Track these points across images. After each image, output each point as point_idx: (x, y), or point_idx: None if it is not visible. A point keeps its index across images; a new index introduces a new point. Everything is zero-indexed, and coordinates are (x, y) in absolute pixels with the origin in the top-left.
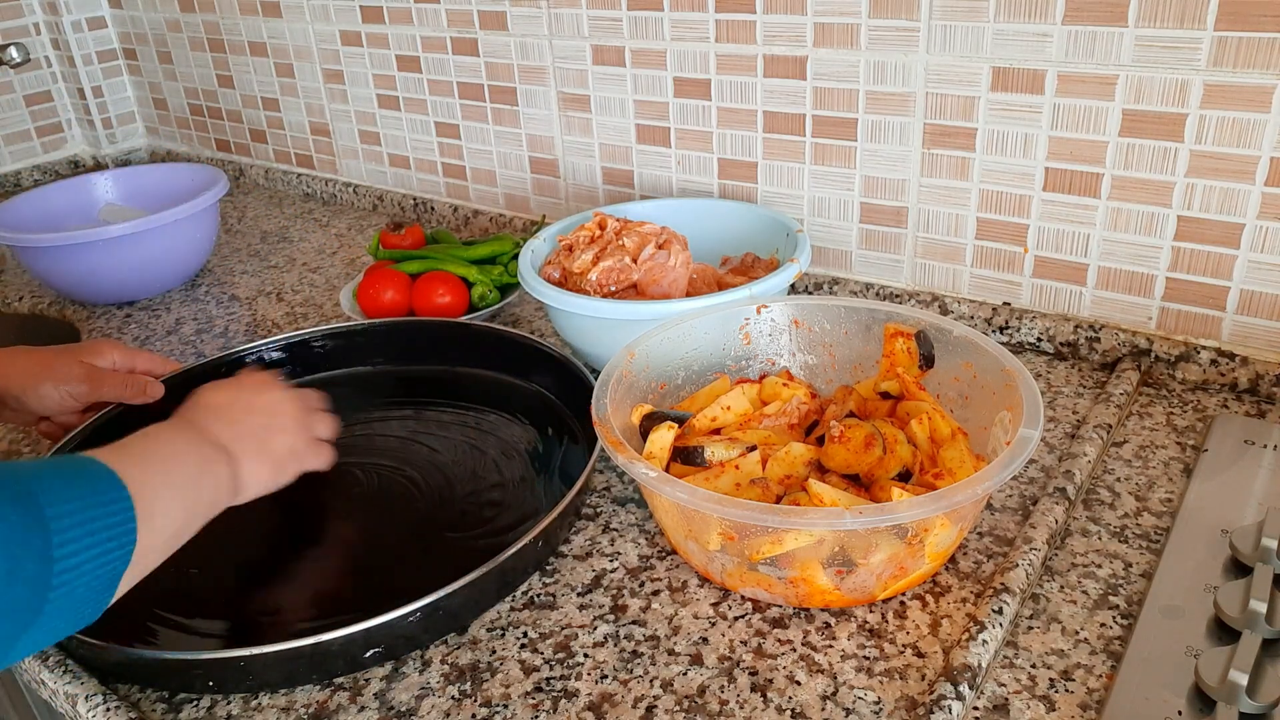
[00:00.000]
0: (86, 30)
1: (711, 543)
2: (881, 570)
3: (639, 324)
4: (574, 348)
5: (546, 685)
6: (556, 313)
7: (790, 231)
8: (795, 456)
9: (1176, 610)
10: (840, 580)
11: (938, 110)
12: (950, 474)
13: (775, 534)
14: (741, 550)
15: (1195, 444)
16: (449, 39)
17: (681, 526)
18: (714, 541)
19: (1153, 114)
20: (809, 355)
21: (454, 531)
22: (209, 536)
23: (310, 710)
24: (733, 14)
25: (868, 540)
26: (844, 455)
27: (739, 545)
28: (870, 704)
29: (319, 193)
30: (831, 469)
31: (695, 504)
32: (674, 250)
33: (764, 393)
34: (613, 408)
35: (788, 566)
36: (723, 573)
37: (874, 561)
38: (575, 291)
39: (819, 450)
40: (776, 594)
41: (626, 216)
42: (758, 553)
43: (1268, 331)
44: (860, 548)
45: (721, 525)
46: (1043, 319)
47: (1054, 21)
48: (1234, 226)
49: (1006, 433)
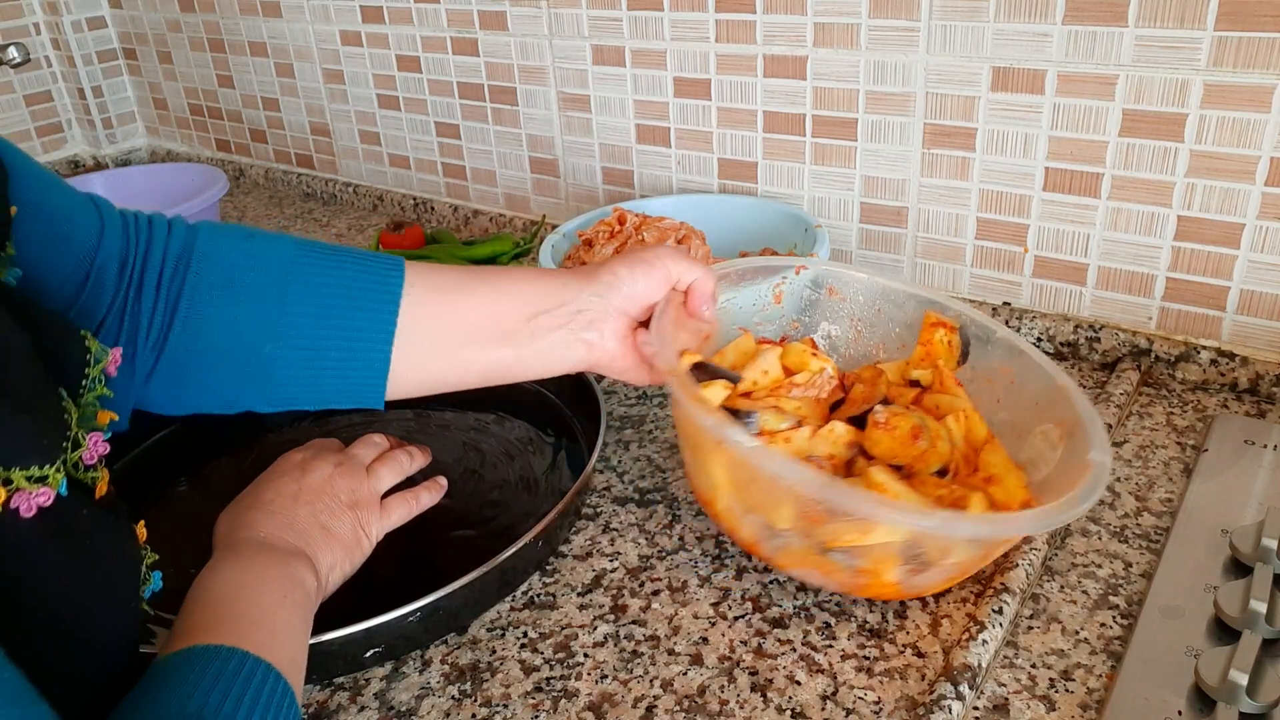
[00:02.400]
0: (86, 30)
1: (781, 520)
2: (950, 572)
3: None
4: None
5: (546, 685)
6: None
7: (809, 227)
8: (838, 437)
9: (1176, 610)
10: (908, 577)
11: (938, 110)
12: (997, 480)
13: (864, 523)
14: (817, 534)
15: (1195, 444)
16: (449, 39)
17: (746, 497)
18: (785, 519)
19: (1153, 114)
20: (833, 325)
21: (454, 531)
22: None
23: (310, 710)
24: (733, 14)
25: (949, 542)
26: (889, 443)
27: (819, 529)
28: (870, 704)
29: (319, 193)
30: (876, 456)
31: (818, 489)
32: (693, 245)
33: (786, 358)
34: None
35: (862, 557)
36: (777, 551)
37: (947, 564)
38: None
39: (860, 434)
40: (833, 580)
41: (645, 212)
42: (838, 539)
43: (1268, 331)
44: (940, 549)
45: (806, 505)
46: (1043, 319)
47: (1054, 21)
48: (1234, 226)
49: (1054, 449)
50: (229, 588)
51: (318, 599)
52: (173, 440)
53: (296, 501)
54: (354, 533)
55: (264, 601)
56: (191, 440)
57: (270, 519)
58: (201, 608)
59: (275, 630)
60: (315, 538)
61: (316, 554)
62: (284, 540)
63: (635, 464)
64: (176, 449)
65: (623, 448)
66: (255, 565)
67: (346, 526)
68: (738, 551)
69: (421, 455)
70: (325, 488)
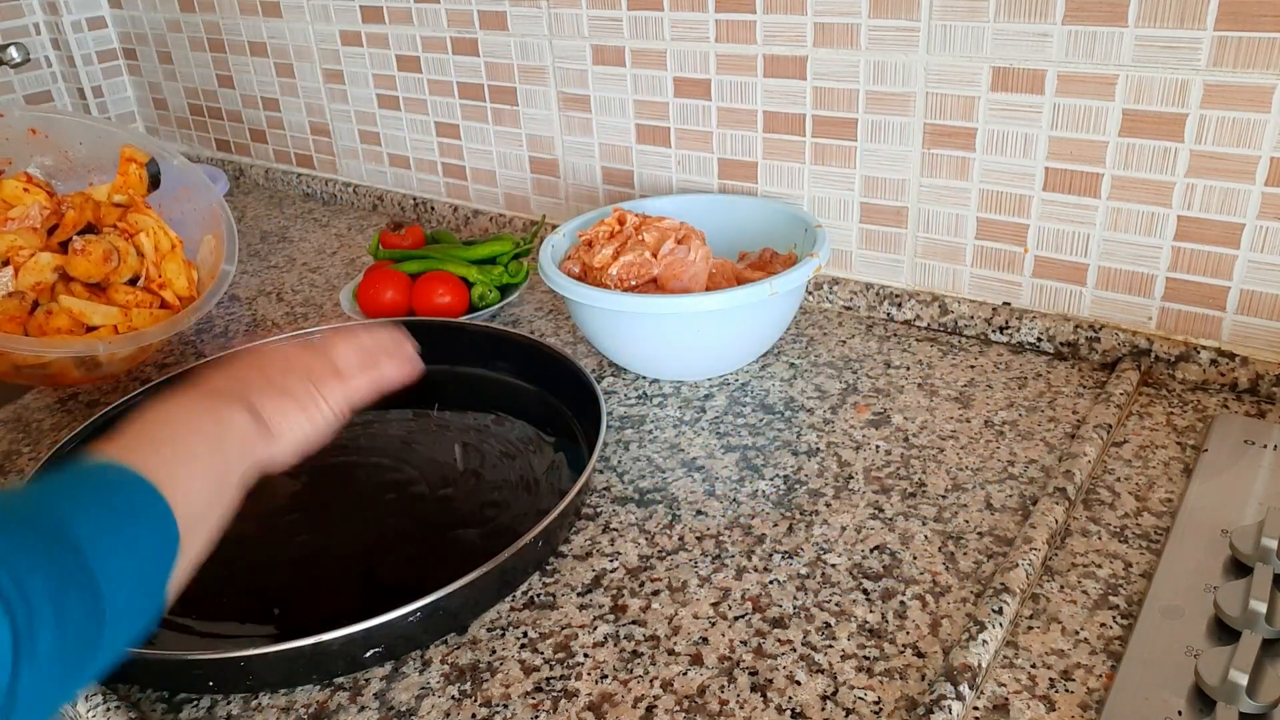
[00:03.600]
0: (86, 30)
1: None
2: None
3: (660, 318)
4: (594, 343)
5: (546, 685)
6: (577, 307)
7: (809, 226)
8: (44, 265)
9: (1176, 610)
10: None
11: (938, 110)
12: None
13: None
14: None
15: (1195, 444)
16: (449, 39)
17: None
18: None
19: (1153, 114)
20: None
21: (454, 531)
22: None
23: (310, 710)
24: (733, 14)
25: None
26: (86, 266)
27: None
28: (870, 704)
29: (319, 193)
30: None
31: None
32: (693, 245)
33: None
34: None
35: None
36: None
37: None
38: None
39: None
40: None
41: (645, 212)
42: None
43: (1268, 331)
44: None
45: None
46: (1043, 319)
47: (1054, 21)
48: (1234, 226)
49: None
50: (145, 420)
51: (260, 443)
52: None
53: (248, 366)
54: (307, 391)
55: (178, 435)
56: None
57: (216, 374)
58: (118, 436)
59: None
60: (260, 389)
61: (260, 401)
62: (225, 389)
63: (635, 464)
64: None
65: (623, 448)
66: (182, 401)
67: (298, 384)
68: (738, 551)
69: (401, 366)
70: (278, 352)
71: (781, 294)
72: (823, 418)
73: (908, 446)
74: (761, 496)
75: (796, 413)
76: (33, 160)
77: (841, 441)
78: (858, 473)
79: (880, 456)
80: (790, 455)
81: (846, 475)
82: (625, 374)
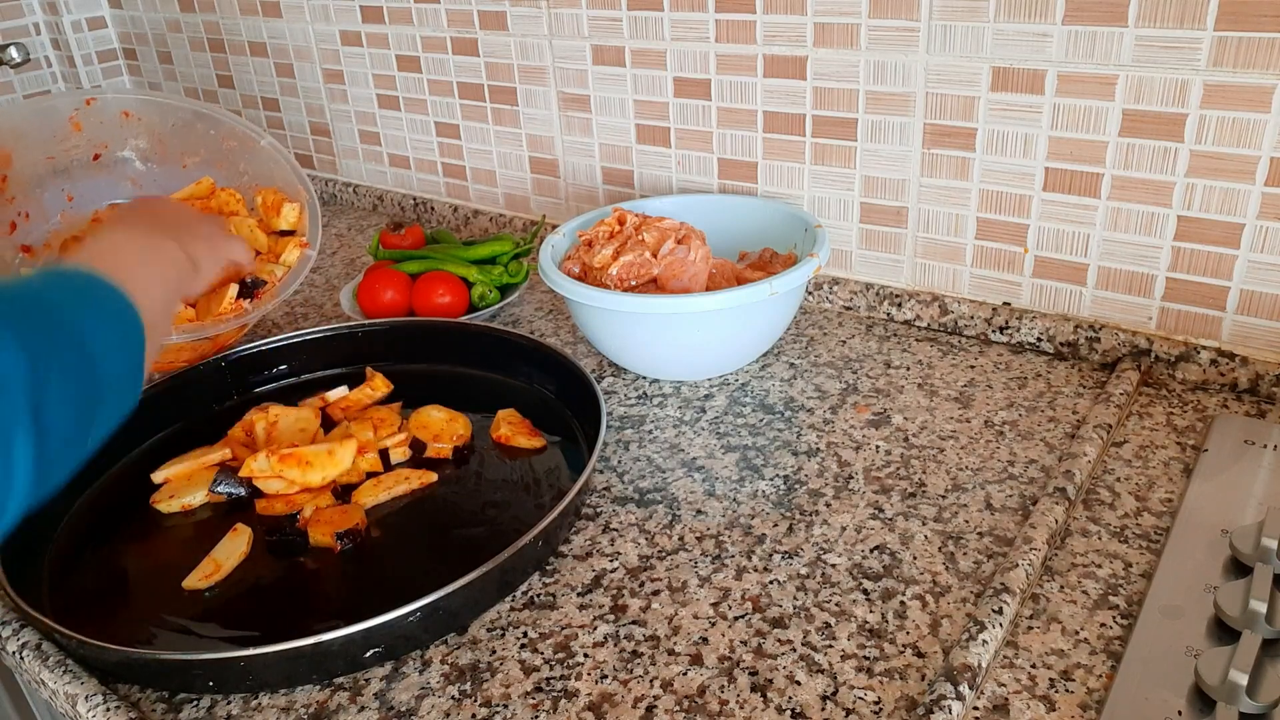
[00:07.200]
0: (86, 30)
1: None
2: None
3: (660, 318)
4: (594, 343)
5: (546, 685)
6: (577, 307)
7: (809, 226)
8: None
9: (1176, 610)
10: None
11: (938, 110)
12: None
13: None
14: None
15: (1195, 444)
16: (449, 39)
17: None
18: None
19: (1153, 114)
20: (140, 140)
21: (454, 531)
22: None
23: (310, 710)
24: (733, 14)
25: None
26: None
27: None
28: (870, 704)
29: (319, 193)
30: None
31: None
32: (693, 245)
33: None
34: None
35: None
36: None
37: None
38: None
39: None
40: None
41: (645, 212)
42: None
43: (1268, 331)
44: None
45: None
46: (1043, 319)
47: (1054, 21)
48: (1234, 226)
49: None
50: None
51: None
52: (172, 439)
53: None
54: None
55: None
56: (191, 438)
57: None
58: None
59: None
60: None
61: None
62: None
63: (635, 464)
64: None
65: (623, 448)
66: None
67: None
68: (738, 551)
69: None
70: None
71: (781, 294)
72: (823, 418)
73: (908, 446)
74: (761, 496)
75: (796, 413)
76: (127, 144)
77: (841, 441)
78: (858, 473)
79: (880, 456)
80: (790, 455)
81: (846, 475)
82: (625, 374)
